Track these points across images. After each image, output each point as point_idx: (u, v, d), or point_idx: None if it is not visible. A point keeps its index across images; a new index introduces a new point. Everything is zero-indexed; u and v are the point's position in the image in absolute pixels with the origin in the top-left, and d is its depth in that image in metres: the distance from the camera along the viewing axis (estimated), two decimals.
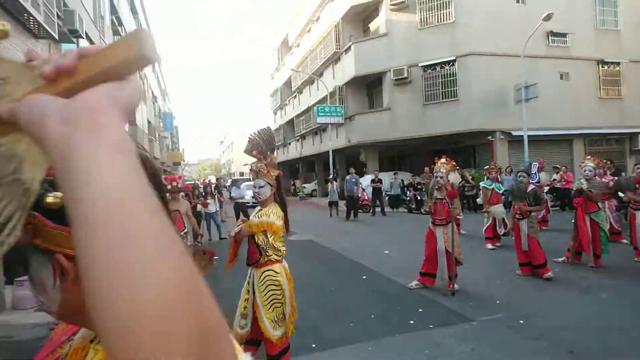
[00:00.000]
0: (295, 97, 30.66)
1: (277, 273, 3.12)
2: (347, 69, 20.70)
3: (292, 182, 32.66)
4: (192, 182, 14.33)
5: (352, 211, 13.98)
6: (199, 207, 9.54)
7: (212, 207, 10.80)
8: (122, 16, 17.59)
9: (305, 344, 3.93)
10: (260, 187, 3.24)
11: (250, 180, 32.27)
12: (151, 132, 25.91)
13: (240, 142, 60.38)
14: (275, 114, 37.87)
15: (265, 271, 3.10)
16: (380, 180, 15.15)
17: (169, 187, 6.22)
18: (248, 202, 15.71)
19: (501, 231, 8.16)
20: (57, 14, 7.54)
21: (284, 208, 3.28)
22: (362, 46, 19.56)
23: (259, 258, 3.10)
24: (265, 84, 41.73)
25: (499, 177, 8.96)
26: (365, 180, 16.87)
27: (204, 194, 11.01)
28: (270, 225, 3.08)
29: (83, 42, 10.99)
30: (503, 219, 8.15)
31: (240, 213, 12.09)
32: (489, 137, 16.21)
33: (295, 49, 30.05)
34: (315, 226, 12.64)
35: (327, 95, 21.52)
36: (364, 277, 6.35)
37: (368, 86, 21.54)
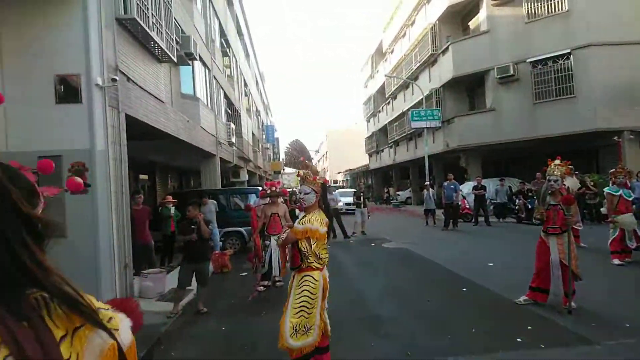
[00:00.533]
0: (388, 103, 30.36)
1: (316, 280, 3.05)
2: (444, 71, 19.85)
3: (385, 190, 32.22)
4: (290, 189, 15.16)
5: (452, 220, 13.24)
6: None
7: None
8: (230, 38, 19.33)
9: (399, 351, 3.81)
10: (306, 193, 3.25)
11: (343, 188, 32.70)
12: (255, 144, 27.88)
13: (334, 151, 61.74)
14: (369, 121, 37.91)
15: (304, 276, 3.07)
16: (483, 187, 14.11)
17: (268, 191, 6.61)
18: (341, 209, 16.00)
19: (632, 245, 6.95)
20: (175, 39, 8.58)
21: (328, 215, 3.27)
22: (460, 46, 18.59)
23: (300, 264, 3.08)
24: (359, 93, 42.07)
25: (627, 182, 7.68)
26: (466, 187, 15.87)
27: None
28: (314, 232, 3.05)
29: (197, 64, 12.33)
30: (634, 231, 6.95)
31: (333, 218, 12.37)
32: (615, 138, 14.01)
33: (389, 55, 29.81)
34: (409, 235, 12.27)
35: (422, 99, 20.86)
36: (464, 289, 5.94)
37: (468, 87, 20.35)
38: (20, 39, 5.27)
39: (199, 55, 11.44)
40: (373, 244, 10.74)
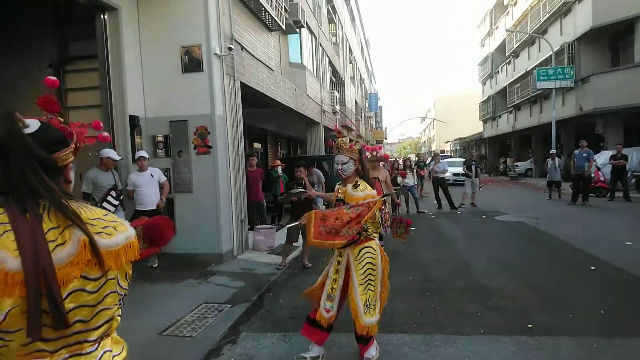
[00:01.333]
0: (509, 62, 27.22)
1: (375, 250, 2.82)
2: (580, 21, 16.95)
3: (501, 160, 29.47)
4: (393, 159, 14.80)
5: (581, 194, 11.59)
6: (399, 179, 9.74)
7: (410, 180, 10.85)
8: (337, 5, 19.15)
9: (510, 324, 3.54)
10: (344, 163, 2.94)
11: (451, 158, 30.75)
12: (358, 112, 27.78)
13: (442, 119, 58.33)
14: (484, 84, 34.67)
15: (363, 248, 2.81)
16: (624, 157, 11.96)
17: (369, 156, 6.56)
18: (449, 179, 15.12)
19: None
20: (284, 7, 8.79)
21: (369, 184, 2.94)
22: None
23: (358, 237, 2.74)
24: (473, 55, 38.54)
25: None
26: (602, 157, 13.66)
27: (402, 167, 11.15)
28: (374, 197, 2.79)
29: (304, 32, 12.54)
30: None
31: (439, 188, 11.79)
32: None
33: (512, 8, 26.42)
34: (528, 208, 11.11)
35: (551, 56, 18.20)
36: (592, 267, 5.22)
37: (611, 39, 17.12)
38: (152, 11, 5.91)
39: (306, 22, 11.60)
40: (484, 216, 10.03)
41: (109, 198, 4.87)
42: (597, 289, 4.45)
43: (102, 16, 5.42)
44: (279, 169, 9.18)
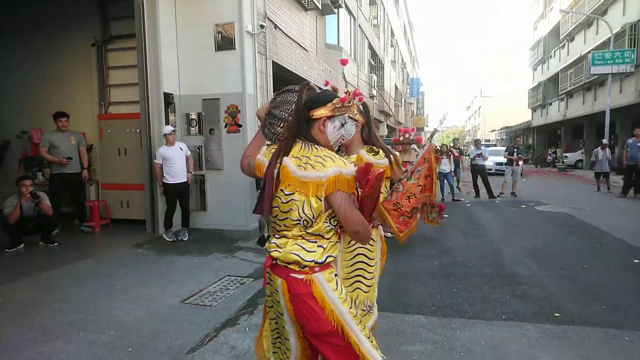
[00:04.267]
0: (563, 46, 25.48)
1: (373, 241, 2.10)
2: None
3: (550, 151, 27.84)
4: (435, 147, 14.48)
5: (634, 187, 10.75)
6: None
7: (446, 167, 10.47)
8: None
9: (536, 312, 3.37)
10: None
11: (496, 147, 29.15)
12: (397, 98, 27.16)
13: (489, 108, 55.76)
14: (535, 69, 32.73)
15: None
16: None
17: (401, 138, 6.37)
18: (490, 168, 14.48)
19: None
20: None
21: (387, 152, 2.15)
22: None
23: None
24: (525, 40, 36.37)
25: None
26: None
27: (440, 152, 10.78)
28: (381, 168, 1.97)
29: (342, 13, 12.33)
30: None
31: (478, 176, 11.33)
32: None
33: None
34: (574, 200, 10.47)
35: (610, 39, 16.82)
36: (636, 261, 4.84)
37: None
38: None
39: (345, 2, 11.39)
40: (523, 206, 9.56)
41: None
42: (634, 282, 4.13)
43: None
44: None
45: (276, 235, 1.56)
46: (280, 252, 1.50)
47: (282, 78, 7.89)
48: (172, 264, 4.82)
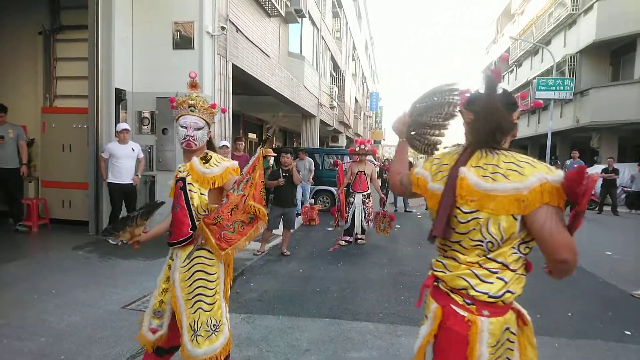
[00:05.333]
0: (512, 71, 27.30)
1: (212, 255, 1.94)
2: (584, 34, 16.96)
3: None
4: (385, 159, 14.99)
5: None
6: (385, 174, 9.70)
7: None
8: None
9: None
10: (198, 128, 2.01)
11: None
12: (357, 110, 27.70)
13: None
14: None
15: (197, 249, 1.93)
16: (615, 171, 12.01)
17: (357, 149, 6.50)
18: None
19: None
20: None
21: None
22: (609, 3, 15.56)
23: (190, 234, 1.95)
24: (478, 61, 38.54)
25: None
26: (593, 171, 13.68)
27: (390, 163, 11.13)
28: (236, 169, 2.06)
29: (306, 23, 12.45)
30: None
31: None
32: None
33: (519, 17, 26.46)
34: None
35: (552, 67, 18.20)
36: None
37: (613, 54, 17.14)
38: None
39: (309, 13, 11.52)
40: None
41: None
42: (570, 293, 4.44)
43: None
44: (271, 160, 9.09)
45: (445, 255, 1.33)
46: (446, 274, 1.28)
47: (244, 84, 7.83)
48: (115, 268, 4.58)
